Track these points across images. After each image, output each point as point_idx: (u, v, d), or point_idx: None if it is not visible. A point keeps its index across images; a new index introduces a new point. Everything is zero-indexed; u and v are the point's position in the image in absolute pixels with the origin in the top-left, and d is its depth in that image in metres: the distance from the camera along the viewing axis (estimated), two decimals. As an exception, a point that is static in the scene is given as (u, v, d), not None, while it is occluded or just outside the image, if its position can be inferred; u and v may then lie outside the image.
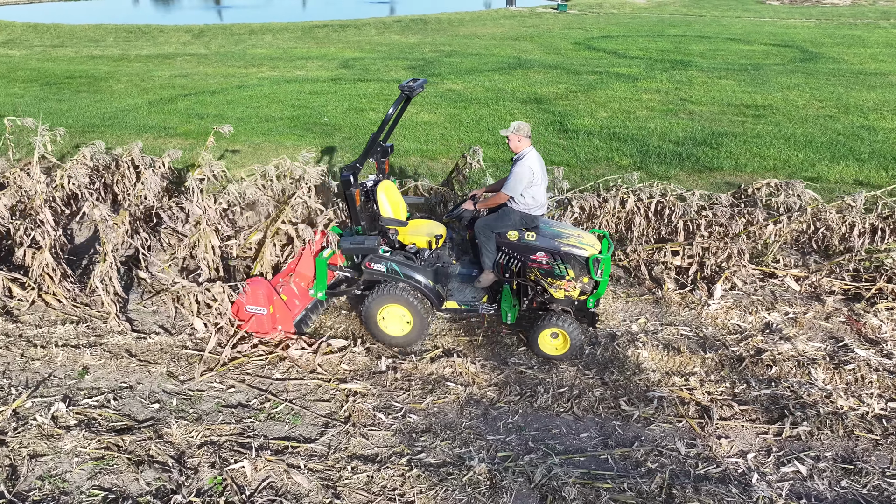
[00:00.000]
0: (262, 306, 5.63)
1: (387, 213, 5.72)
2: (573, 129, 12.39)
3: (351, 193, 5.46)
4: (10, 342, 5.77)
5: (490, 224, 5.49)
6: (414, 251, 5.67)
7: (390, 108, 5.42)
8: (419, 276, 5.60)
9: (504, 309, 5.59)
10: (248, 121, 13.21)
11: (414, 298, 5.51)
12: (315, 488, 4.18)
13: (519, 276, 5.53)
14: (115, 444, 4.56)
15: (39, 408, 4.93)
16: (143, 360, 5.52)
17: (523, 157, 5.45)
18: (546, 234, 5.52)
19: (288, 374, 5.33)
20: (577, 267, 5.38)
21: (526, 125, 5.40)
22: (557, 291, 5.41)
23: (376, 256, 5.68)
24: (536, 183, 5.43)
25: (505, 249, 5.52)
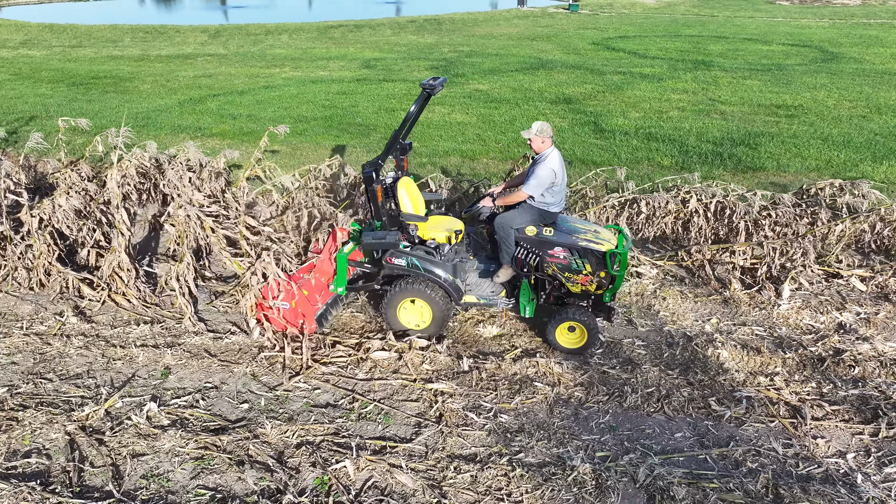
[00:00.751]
0: (285, 301, 5.70)
1: (407, 209, 5.82)
2: (609, 129, 12.41)
3: (373, 189, 5.57)
4: (88, 342, 5.79)
5: (509, 220, 5.58)
6: (434, 246, 5.75)
7: (412, 106, 5.49)
8: (439, 271, 5.69)
9: (522, 303, 5.68)
10: (281, 121, 13.16)
11: (434, 292, 5.62)
12: (420, 488, 4.20)
13: (537, 270, 5.62)
14: (212, 443, 4.58)
15: (131, 407, 4.95)
16: (224, 360, 5.54)
17: (545, 157, 5.52)
18: (563, 230, 5.63)
19: (371, 374, 5.35)
20: (594, 262, 5.47)
21: (548, 126, 5.48)
22: (574, 286, 5.55)
23: (397, 251, 5.75)
24: (557, 183, 5.54)
25: (523, 245, 5.61)
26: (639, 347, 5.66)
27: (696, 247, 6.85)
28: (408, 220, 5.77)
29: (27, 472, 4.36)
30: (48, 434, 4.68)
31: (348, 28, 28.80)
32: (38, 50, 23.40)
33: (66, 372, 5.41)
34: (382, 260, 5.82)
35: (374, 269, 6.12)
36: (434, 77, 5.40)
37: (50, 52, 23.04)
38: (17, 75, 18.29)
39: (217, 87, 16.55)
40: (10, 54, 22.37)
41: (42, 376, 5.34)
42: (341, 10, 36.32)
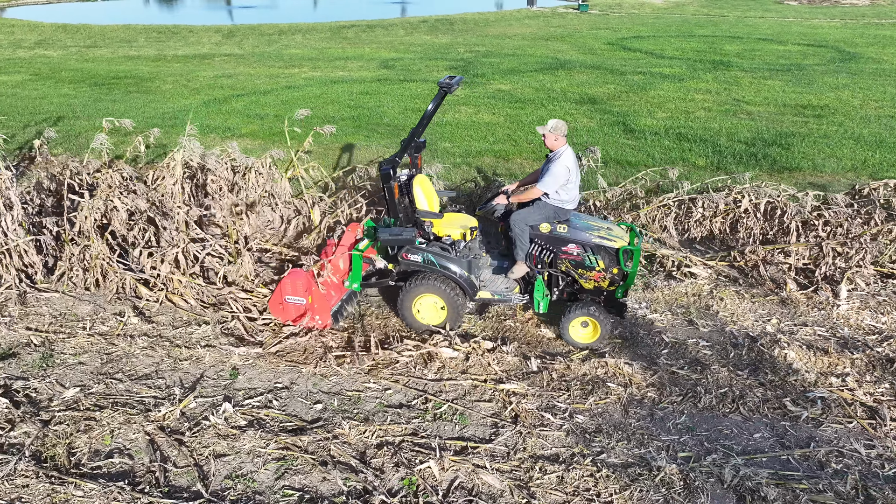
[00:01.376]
0: (302, 296, 5.76)
1: (422, 206, 5.90)
2: (638, 129, 12.41)
3: (390, 186, 5.64)
4: (152, 342, 5.80)
5: (524, 217, 5.66)
6: (449, 243, 5.83)
7: (430, 105, 5.54)
8: (454, 267, 5.76)
9: (536, 299, 5.76)
10: (308, 121, 13.20)
11: (449, 288, 5.70)
12: (507, 488, 4.20)
13: (551, 267, 5.72)
14: (293, 444, 4.59)
15: (205, 408, 4.96)
16: (291, 360, 5.54)
17: (559, 155, 5.59)
18: (577, 227, 5.74)
19: (440, 374, 5.36)
20: (606, 258, 5.58)
21: (563, 124, 5.54)
22: (587, 282, 5.68)
23: (413, 248, 5.81)
24: (572, 181, 5.61)
25: (537, 241, 5.71)
26: (704, 348, 5.66)
27: (751, 247, 6.85)
28: (423, 216, 5.86)
29: (112, 472, 4.37)
30: (127, 434, 4.69)
31: (361, 28, 28.80)
32: (55, 50, 23.40)
33: (135, 372, 5.42)
34: (398, 256, 5.90)
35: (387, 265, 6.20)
36: (451, 76, 5.43)
37: (66, 52, 23.04)
38: (38, 75, 18.30)
39: (239, 88, 16.55)
40: (27, 54, 22.37)
41: (111, 376, 5.35)
42: (347, 10, 36.24)
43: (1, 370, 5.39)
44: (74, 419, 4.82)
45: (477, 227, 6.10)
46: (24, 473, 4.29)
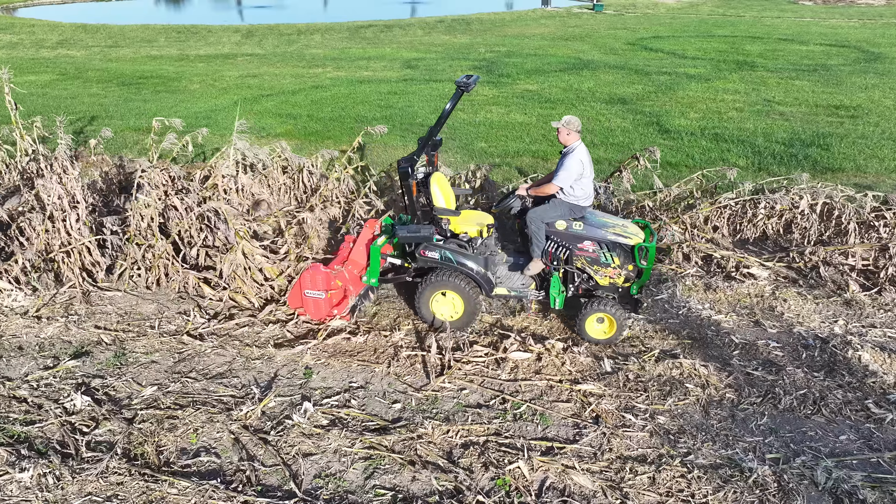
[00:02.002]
0: (321, 291, 5.83)
1: (439, 204, 5.95)
2: (673, 129, 12.39)
3: (408, 184, 5.69)
4: (222, 341, 5.82)
5: (541, 214, 5.72)
6: (466, 240, 5.87)
7: (447, 104, 5.58)
8: (471, 264, 5.83)
9: (553, 295, 5.85)
10: (342, 121, 13.27)
11: (466, 285, 5.77)
12: (600, 489, 4.20)
13: (566, 263, 5.78)
14: (378, 443, 4.60)
15: (285, 407, 4.97)
16: (363, 360, 5.55)
17: (573, 150, 5.66)
18: (593, 224, 5.77)
19: (514, 374, 5.36)
20: (622, 255, 5.66)
21: (577, 121, 5.61)
22: (603, 279, 5.75)
23: (430, 245, 5.86)
24: (585, 175, 5.64)
25: (553, 238, 5.77)
26: (774, 349, 5.65)
27: (811, 248, 6.83)
28: (441, 214, 5.91)
29: (202, 471, 4.39)
30: (211, 433, 4.71)
31: (379, 28, 28.83)
32: (77, 50, 23.50)
33: (208, 371, 5.44)
34: (416, 253, 5.95)
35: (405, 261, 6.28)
36: (468, 75, 5.47)
37: (89, 52, 23.13)
38: (65, 75, 18.39)
39: (266, 87, 16.59)
40: (50, 54, 22.48)
41: (186, 375, 5.37)
42: (358, 10, 36.29)
43: (77, 368, 5.42)
44: (157, 417, 4.84)
45: (493, 224, 6.17)
46: (117, 471, 4.32)
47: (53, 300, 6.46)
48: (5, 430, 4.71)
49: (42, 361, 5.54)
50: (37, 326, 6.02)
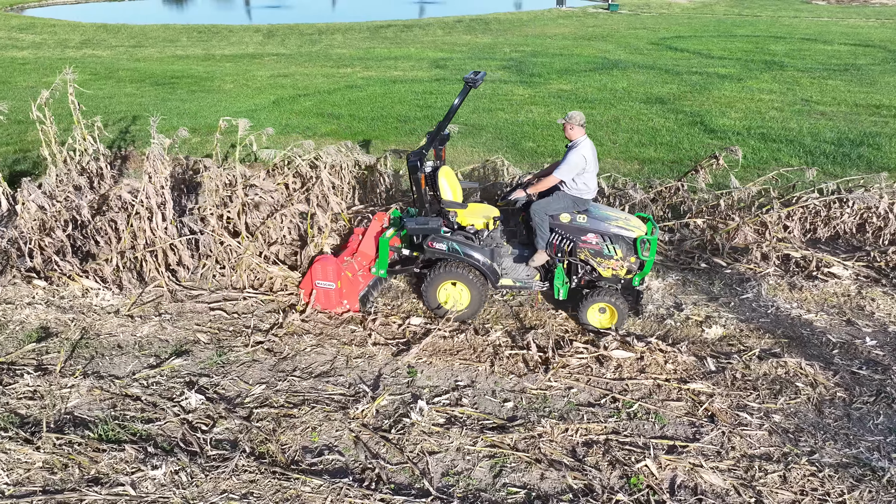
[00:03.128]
0: (331, 281, 5.96)
1: (447, 197, 6.11)
2: (719, 129, 12.41)
3: (417, 177, 5.85)
4: (319, 340, 5.84)
5: (545, 207, 5.86)
6: (473, 232, 6.04)
7: (455, 100, 5.65)
8: (478, 255, 5.97)
9: (556, 286, 5.99)
10: (385, 121, 13.28)
11: (472, 275, 5.93)
12: (731, 487, 4.22)
13: (570, 255, 5.91)
14: (500, 441, 4.61)
15: (397, 405, 4.99)
16: (464, 358, 5.56)
17: (577, 145, 5.79)
18: (596, 216, 5.93)
19: (619, 373, 5.37)
20: (624, 247, 5.79)
21: (580, 115, 5.77)
22: (605, 270, 5.87)
23: (438, 236, 6.01)
24: (588, 170, 5.79)
25: (558, 230, 5.90)
26: (874, 348, 5.66)
27: (894, 248, 6.84)
28: (448, 206, 6.07)
29: (330, 469, 4.40)
30: (330, 431, 4.72)
31: (399, 28, 28.84)
32: (102, 50, 23.51)
33: (312, 370, 5.45)
34: (424, 244, 6.09)
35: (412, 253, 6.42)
36: (475, 71, 5.60)
37: (114, 51, 23.15)
38: (96, 75, 18.38)
39: (300, 87, 16.59)
40: (76, 54, 22.49)
41: (291, 374, 5.38)
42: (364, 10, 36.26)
43: (182, 368, 5.43)
44: (273, 416, 4.86)
45: (499, 217, 6.30)
46: (247, 469, 4.33)
47: (140, 299, 6.48)
48: (127, 427, 4.72)
49: (145, 360, 5.56)
50: (132, 325, 6.04)
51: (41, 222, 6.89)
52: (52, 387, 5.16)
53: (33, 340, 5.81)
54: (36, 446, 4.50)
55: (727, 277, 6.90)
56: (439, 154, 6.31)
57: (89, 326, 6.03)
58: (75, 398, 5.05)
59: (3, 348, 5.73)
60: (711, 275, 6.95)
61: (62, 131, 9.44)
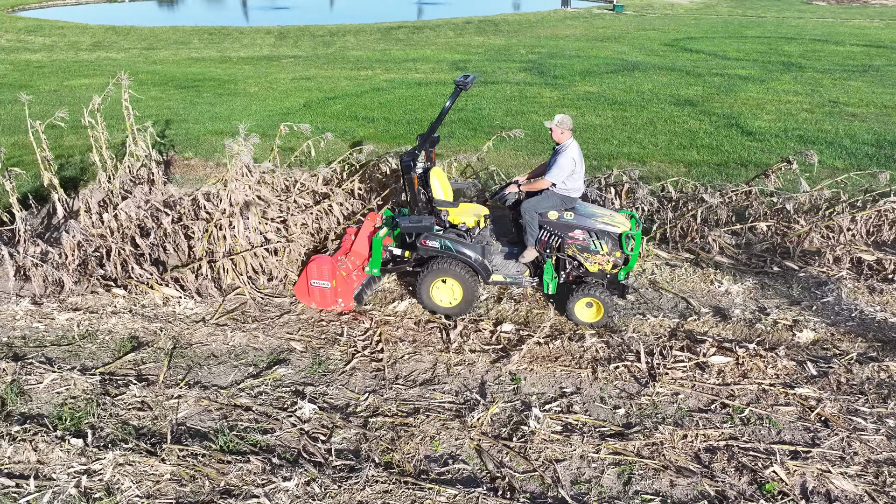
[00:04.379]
0: (327, 280, 6.12)
1: (439, 196, 6.30)
2: (756, 131, 12.47)
3: (410, 177, 6.02)
4: (415, 347, 5.83)
5: (534, 205, 6.07)
6: (465, 229, 6.21)
7: (447, 102, 5.83)
8: (469, 252, 6.16)
9: (546, 281, 6.15)
10: (420, 123, 13.26)
11: (464, 272, 6.09)
12: (864, 493, 4.25)
13: (558, 251, 6.11)
14: (622, 448, 4.63)
15: (509, 413, 4.99)
16: (564, 365, 5.57)
17: (565, 148, 6.01)
18: (582, 214, 6.14)
19: (722, 379, 5.40)
20: (610, 243, 6.01)
21: (569, 119, 5.95)
22: (592, 265, 6.09)
23: (431, 234, 6.17)
24: (577, 171, 6.03)
25: (546, 228, 6.10)
26: (966, 350, 5.71)
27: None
28: (440, 205, 6.24)
29: (458, 478, 4.40)
30: (450, 440, 4.72)
31: (409, 29, 28.81)
32: (115, 52, 23.35)
33: (415, 378, 5.44)
34: (417, 243, 6.25)
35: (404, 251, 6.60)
36: (465, 75, 5.74)
37: (128, 54, 23.00)
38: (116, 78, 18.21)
39: (326, 90, 16.54)
40: (90, 57, 22.32)
41: (395, 382, 5.37)
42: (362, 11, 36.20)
43: (285, 377, 5.41)
44: (388, 425, 4.85)
45: (489, 215, 6.49)
46: (378, 479, 4.32)
47: (223, 307, 6.45)
48: (246, 438, 4.70)
49: (244, 369, 5.54)
50: (222, 334, 6.01)
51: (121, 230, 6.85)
52: (159, 397, 5.13)
53: (128, 350, 5.77)
54: (161, 458, 4.47)
55: (803, 281, 6.95)
56: (430, 156, 6.45)
57: (179, 335, 6.00)
58: (185, 409, 5.02)
59: (97, 358, 5.69)
60: (787, 278, 7.00)
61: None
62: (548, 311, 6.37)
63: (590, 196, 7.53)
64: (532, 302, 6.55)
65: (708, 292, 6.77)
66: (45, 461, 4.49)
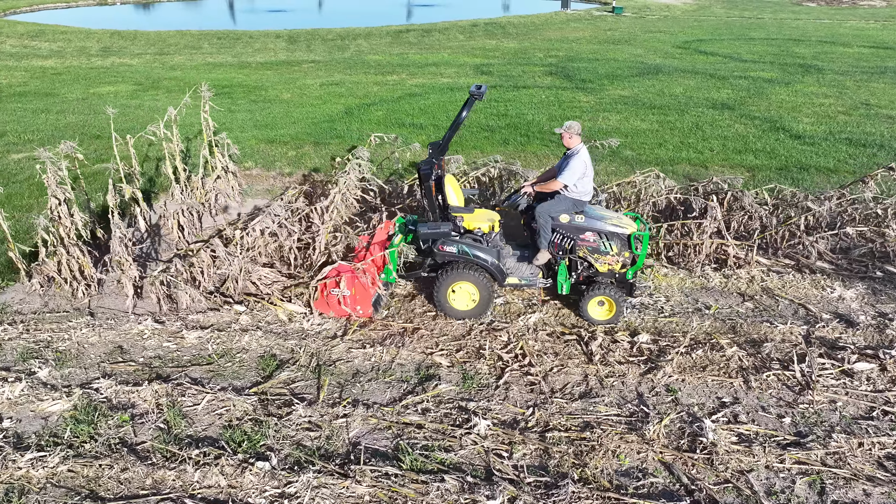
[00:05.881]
0: (346, 289, 6.26)
1: (454, 203, 6.47)
2: (805, 135, 12.67)
3: (429, 185, 6.16)
4: (560, 360, 5.84)
5: (548, 209, 6.29)
6: (480, 234, 6.40)
7: (462, 112, 6.02)
8: (486, 256, 6.35)
9: (560, 281, 6.39)
10: (470, 129, 13.26)
11: (481, 275, 6.27)
12: None
13: (570, 253, 6.35)
14: (804, 458, 4.69)
15: (679, 424, 5.03)
16: (714, 375, 5.63)
17: (577, 152, 6.27)
18: (592, 216, 6.39)
19: (873, 386, 5.49)
20: (619, 244, 6.26)
21: (578, 125, 6.25)
22: (602, 266, 6.32)
23: (448, 240, 6.35)
24: (587, 175, 6.27)
25: (559, 230, 6.34)
26: None
27: None
28: (457, 212, 6.40)
29: (656, 493, 4.43)
30: (632, 453, 4.75)
31: (419, 33, 28.78)
32: (128, 58, 23.00)
33: (571, 392, 5.46)
34: (434, 248, 6.41)
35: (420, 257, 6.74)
36: (478, 85, 5.92)
37: (141, 59, 22.68)
38: (141, 85, 18.00)
39: (360, 95, 16.48)
40: (104, 62, 21.98)
41: (553, 396, 5.39)
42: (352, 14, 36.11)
43: (444, 393, 5.40)
44: (565, 439, 4.87)
45: (501, 220, 6.71)
46: (580, 495, 4.34)
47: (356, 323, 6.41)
48: (430, 457, 4.69)
49: (398, 386, 5.52)
50: (362, 350, 5.97)
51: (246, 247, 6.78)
52: (325, 417, 5.09)
53: (273, 369, 5.71)
54: (355, 479, 4.44)
55: (910, 285, 7.10)
56: (439, 164, 6.52)
57: (317, 353, 5.95)
58: (355, 428, 4.99)
59: (241, 377, 5.63)
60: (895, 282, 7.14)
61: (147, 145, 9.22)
62: (689, 321, 6.42)
63: (694, 204, 7.59)
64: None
65: (822, 298, 6.88)
66: (236, 485, 4.44)
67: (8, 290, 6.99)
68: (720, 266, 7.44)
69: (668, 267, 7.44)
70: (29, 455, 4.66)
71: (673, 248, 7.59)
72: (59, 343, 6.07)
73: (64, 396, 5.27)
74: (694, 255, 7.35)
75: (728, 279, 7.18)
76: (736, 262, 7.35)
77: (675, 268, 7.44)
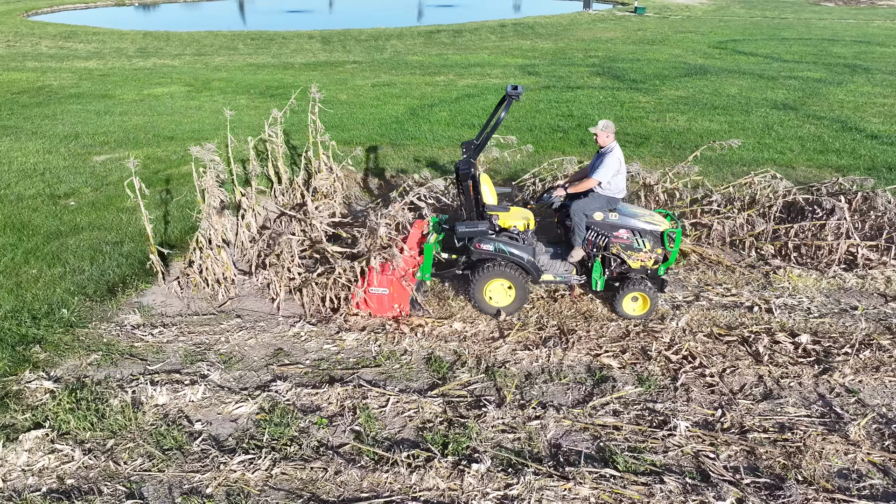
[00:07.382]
0: (385, 287, 6.34)
1: (489, 202, 6.57)
2: (881, 135, 12.68)
3: (467, 185, 6.26)
4: (729, 361, 5.84)
5: (583, 207, 6.41)
6: (516, 232, 6.51)
7: (501, 112, 6.11)
8: (522, 254, 6.44)
9: (595, 278, 6.52)
10: (542, 130, 13.27)
11: (516, 272, 6.36)
12: None
13: (604, 250, 6.46)
14: None
15: (880, 425, 5.03)
16: (892, 376, 5.62)
17: (611, 150, 6.37)
18: (626, 214, 6.49)
19: None
20: (651, 240, 6.38)
21: (612, 124, 6.37)
22: (635, 262, 6.43)
23: (485, 238, 6.44)
24: (621, 172, 6.38)
25: (593, 228, 6.46)
26: None
27: None
28: (492, 210, 6.50)
29: (877, 494, 4.42)
30: (839, 454, 4.74)
31: (449, 33, 28.81)
32: (167, 59, 22.97)
33: (751, 393, 5.45)
34: (470, 246, 6.51)
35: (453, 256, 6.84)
36: (514, 86, 6.01)
37: (182, 60, 22.64)
38: (192, 87, 17.95)
39: (416, 96, 16.46)
40: (146, 63, 21.94)
41: (735, 398, 5.38)
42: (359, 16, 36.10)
43: (628, 395, 5.38)
44: (767, 441, 4.85)
45: (537, 218, 6.78)
46: (807, 496, 4.32)
47: (517, 325, 6.39)
48: (640, 458, 4.68)
49: (577, 388, 5.50)
50: (526, 352, 5.96)
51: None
52: (517, 419, 5.08)
53: (444, 370, 5.70)
54: (577, 482, 4.43)
55: None
56: (474, 163, 6.56)
57: (481, 355, 5.94)
58: (551, 429, 4.98)
59: (414, 379, 5.61)
60: None
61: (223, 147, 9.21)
62: (841, 321, 6.42)
63: (825, 205, 7.58)
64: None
65: (970, 298, 6.89)
66: (455, 487, 4.42)
67: (147, 292, 6.96)
68: (849, 267, 7.43)
69: (799, 268, 7.44)
70: (238, 458, 4.63)
71: (801, 248, 7.59)
72: (219, 346, 6.05)
73: (249, 399, 5.25)
74: (825, 256, 7.34)
75: (864, 280, 7.17)
76: (867, 264, 7.34)
77: (804, 268, 7.43)
